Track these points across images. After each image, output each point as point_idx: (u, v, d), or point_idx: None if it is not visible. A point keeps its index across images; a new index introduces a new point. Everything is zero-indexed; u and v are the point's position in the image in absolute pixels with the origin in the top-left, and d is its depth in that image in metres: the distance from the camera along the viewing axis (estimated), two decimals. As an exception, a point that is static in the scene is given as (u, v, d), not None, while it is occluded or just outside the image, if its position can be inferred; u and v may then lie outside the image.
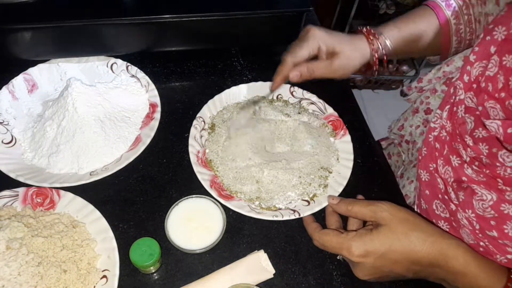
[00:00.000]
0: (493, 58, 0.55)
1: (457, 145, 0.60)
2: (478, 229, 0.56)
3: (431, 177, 0.65)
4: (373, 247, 0.50)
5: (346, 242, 0.52)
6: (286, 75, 0.64)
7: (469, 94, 0.58)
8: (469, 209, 0.56)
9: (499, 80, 0.54)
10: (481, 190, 0.54)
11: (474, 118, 0.57)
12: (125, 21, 0.71)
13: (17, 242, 0.52)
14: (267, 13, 0.75)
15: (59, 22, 0.69)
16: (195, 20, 0.73)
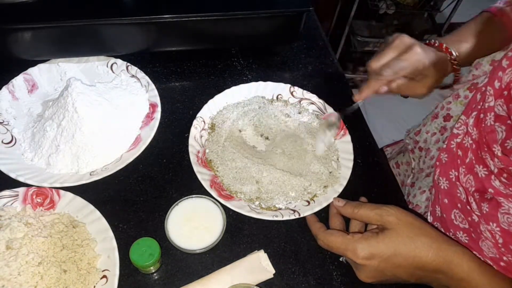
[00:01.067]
0: None
1: (484, 154, 0.57)
2: (501, 243, 0.54)
3: (450, 185, 0.63)
4: (379, 250, 0.50)
5: (352, 243, 0.51)
6: (378, 90, 0.62)
7: (499, 101, 0.55)
8: (493, 222, 0.55)
9: None
10: (509, 204, 0.52)
11: (505, 127, 0.54)
12: (125, 21, 0.71)
13: (17, 242, 0.52)
14: (267, 13, 0.75)
15: (59, 22, 0.69)
16: (195, 20, 0.73)
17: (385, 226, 0.52)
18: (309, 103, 0.76)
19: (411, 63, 0.60)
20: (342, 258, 0.59)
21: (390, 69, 0.59)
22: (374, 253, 0.50)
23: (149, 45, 0.78)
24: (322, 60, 0.85)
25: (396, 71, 0.60)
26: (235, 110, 0.73)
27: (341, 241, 0.52)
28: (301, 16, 0.78)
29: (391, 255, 0.50)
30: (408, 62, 0.60)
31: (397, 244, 0.50)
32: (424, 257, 0.49)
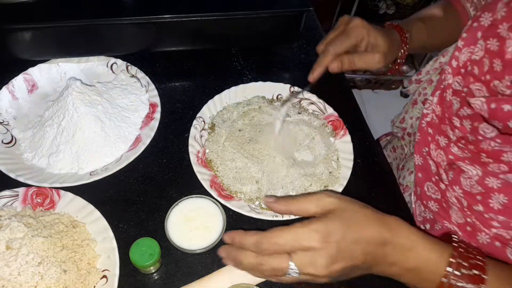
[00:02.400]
0: (479, 42, 0.57)
1: (444, 127, 0.62)
2: (466, 206, 0.58)
3: (424, 161, 0.67)
4: (334, 226, 0.45)
5: (304, 229, 0.45)
6: (326, 66, 0.64)
7: (457, 78, 0.60)
8: (457, 185, 0.59)
9: (485, 64, 0.56)
10: (467, 167, 0.56)
11: (460, 99, 0.60)
12: (125, 21, 0.71)
13: (17, 242, 0.52)
14: (267, 13, 0.75)
15: (59, 22, 0.69)
16: (195, 20, 0.73)
17: (328, 208, 0.48)
18: (309, 103, 0.76)
19: (353, 33, 0.64)
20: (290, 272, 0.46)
21: (333, 46, 0.63)
22: (331, 230, 0.45)
23: (149, 45, 0.78)
24: (322, 60, 0.85)
25: (340, 44, 0.63)
26: (235, 110, 0.73)
27: (292, 232, 0.45)
28: (301, 16, 0.78)
29: (345, 229, 0.46)
30: (349, 33, 0.64)
31: (347, 218, 0.47)
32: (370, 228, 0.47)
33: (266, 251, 0.45)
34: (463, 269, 0.45)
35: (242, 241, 0.47)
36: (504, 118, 0.51)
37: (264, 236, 0.46)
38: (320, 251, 0.44)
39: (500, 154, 0.52)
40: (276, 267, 0.45)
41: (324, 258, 0.45)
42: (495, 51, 0.55)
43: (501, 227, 0.55)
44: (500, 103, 0.51)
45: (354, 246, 0.46)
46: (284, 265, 0.45)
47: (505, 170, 0.52)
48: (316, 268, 0.45)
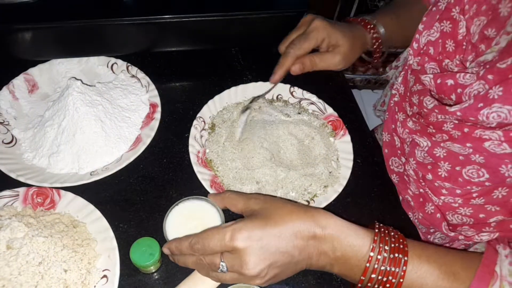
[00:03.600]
0: (435, 25, 0.61)
1: (404, 104, 0.66)
2: (421, 176, 0.63)
3: (391, 137, 0.70)
4: (254, 225, 0.46)
5: (228, 230, 0.46)
6: (288, 68, 0.65)
7: (416, 59, 0.64)
8: (412, 157, 0.63)
9: (439, 44, 0.60)
10: (419, 139, 0.60)
11: (415, 77, 0.64)
12: (125, 21, 0.71)
13: (18, 242, 0.52)
14: (267, 13, 0.75)
15: (59, 22, 0.69)
16: (195, 20, 0.73)
17: (251, 210, 0.50)
18: (309, 103, 0.76)
19: (313, 35, 0.65)
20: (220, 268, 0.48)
21: (293, 48, 0.64)
22: (253, 229, 0.46)
23: (149, 45, 0.78)
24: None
25: (300, 46, 0.64)
26: (235, 110, 0.73)
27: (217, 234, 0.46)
28: (300, 16, 0.78)
29: (267, 226, 0.46)
30: (309, 35, 0.64)
31: (270, 215, 0.47)
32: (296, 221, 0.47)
33: (199, 251, 0.48)
34: (385, 253, 0.46)
35: (179, 247, 0.50)
36: (448, 91, 0.56)
37: (195, 238, 0.48)
38: (246, 251, 0.45)
39: (442, 124, 0.56)
40: (210, 262, 0.48)
41: (250, 257, 0.45)
42: (448, 32, 0.59)
43: (448, 194, 0.59)
44: (445, 78, 0.56)
45: (280, 241, 0.46)
46: (216, 261, 0.47)
47: (446, 139, 0.56)
48: (244, 268, 0.45)
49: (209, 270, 0.49)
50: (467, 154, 0.54)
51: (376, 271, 0.46)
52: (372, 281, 0.47)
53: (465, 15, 0.58)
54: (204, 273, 0.50)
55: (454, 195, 0.59)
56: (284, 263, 0.47)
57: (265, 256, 0.46)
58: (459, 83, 0.54)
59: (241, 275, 0.47)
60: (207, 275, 0.50)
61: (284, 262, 0.47)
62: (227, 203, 0.54)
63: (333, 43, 0.65)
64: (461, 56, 0.58)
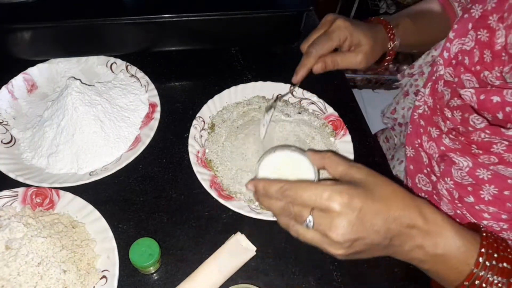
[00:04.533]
0: (470, 33, 0.58)
1: (436, 118, 0.63)
2: (457, 198, 0.58)
3: (416, 152, 0.67)
4: (356, 193, 0.43)
5: (327, 187, 0.43)
6: (310, 68, 0.64)
7: (448, 69, 0.61)
8: (448, 177, 0.59)
9: (475, 54, 0.57)
10: (458, 158, 0.56)
11: (451, 90, 0.60)
12: (125, 21, 0.71)
13: (17, 242, 0.52)
14: (267, 13, 0.75)
15: (59, 22, 0.69)
16: (195, 20, 0.73)
17: (353, 178, 0.46)
18: (309, 103, 0.76)
19: (335, 35, 0.64)
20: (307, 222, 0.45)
21: (316, 48, 0.63)
22: (355, 196, 0.43)
23: (149, 45, 0.78)
24: (322, 60, 0.85)
25: (322, 46, 0.63)
26: (235, 110, 0.73)
27: (313, 188, 0.43)
28: (301, 16, 0.78)
29: (370, 199, 0.43)
30: (331, 35, 0.64)
31: (373, 190, 0.44)
32: (399, 203, 0.44)
33: (290, 198, 0.44)
34: (493, 260, 0.43)
35: (267, 188, 0.46)
36: (493, 109, 0.52)
37: (288, 184, 0.45)
38: (340, 215, 0.42)
39: (490, 145, 0.52)
40: (297, 212, 0.44)
41: (342, 222, 0.42)
42: (485, 42, 0.56)
43: (492, 218, 0.55)
44: (489, 95, 0.52)
45: (377, 219, 0.43)
46: (304, 214, 0.44)
47: (495, 161, 0.52)
48: (332, 231, 0.42)
49: (291, 220, 0.46)
50: None
51: (481, 278, 0.43)
52: (474, 287, 0.44)
53: (503, 24, 0.54)
54: (285, 222, 0.47)
55: (499, 220, 0.55)
56: (373, 243, 0.44)
57: (358, 228, 0.42)
58: (507, 101, 0.50)
59: (324, 237, 0.43)
60: (287, 225, 0.47)
61: (373, 242, 0.44)
62: (327, 164, 0.49)
63: (355, 43, 0.64)
64: (500, 68, 0.55)
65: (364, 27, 0.66)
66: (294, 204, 0.44)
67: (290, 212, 0.45)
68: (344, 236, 0.42)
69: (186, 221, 0.62)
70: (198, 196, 0.64)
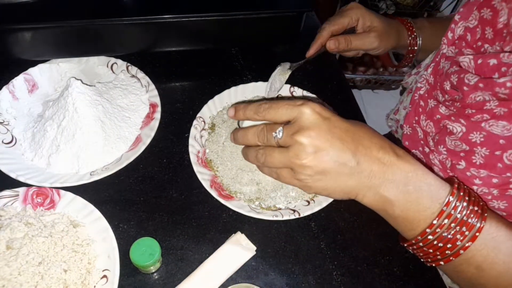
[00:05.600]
0: (474, 13, 0.60)
1: (435, 92, 0.64)
2: (449, 167, 0.58)
3: (413, 130, 0.68)
4: (329, 110, 0.45)
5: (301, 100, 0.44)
6: (323, 43, 0.66)
7: (451, 48, 0.63)
8: (441, 145, 0.58)
9: (477, 32, 0.59)
10: (453, 124, 0.56)
11: (451, 61, 0.61)
12: (125, 21, 0.71)
13: (18, 242, 0.52)
14: (267, 13, 0.75)
15: (59, 22, 0.69)
16: (195, 20, 0.73)
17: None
18: (309, 103, 0.76)
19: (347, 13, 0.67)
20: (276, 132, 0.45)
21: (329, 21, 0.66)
22: (327, 110, 0.44)
23: (149, 45, 0.78)
24: (322, 60, 0.85)
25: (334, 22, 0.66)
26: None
27: (287, 104, 0.44)
28: (301, 16, 0.79)
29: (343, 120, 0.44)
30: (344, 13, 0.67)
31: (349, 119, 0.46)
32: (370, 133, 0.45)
33: (265, 112, 0.45)
34: (464, 202, 0.43)
35: (247, 106, 0.48)
36: (489, 72, 0.53)
37: (264, 102, 0.47)
38: (309, 118, 0.42)
39: (483, 104, 0.53)
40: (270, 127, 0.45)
41: (311, 126, 0.42)
42: (488, 19, 0.57)
43: (483, 183, 0.55)
44: (486, 58, 0.53)
45: (346, 134, 0.42)
46: (276, 127, 0.45)
47: (488, 118, 0.52)
48: (299, 132, 0.42)
49: (262, 147, 0.46)
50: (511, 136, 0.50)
51: (450, 217, 0.42)
52: (442, 227, 0.42)
53: (508, 4, 0.55)
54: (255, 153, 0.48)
55: (489, 185, 0.54)
56: (339, 163, 0.42)
57: (326, 137, 0.41)
58: (503, 62, 0.50)
59: (291, 149, 0.43)
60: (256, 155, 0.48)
61: (339, 161, 0.42)
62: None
63: (368, 24, 0.68)
64: (501, 43, 0.56)
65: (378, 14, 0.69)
66: (268, 121, 0.46)
67: (263, 131, 0.46)
68: (313, 142, 0.41)
69: (186, 220, 0.62)
70: (199, 196, 0.64)
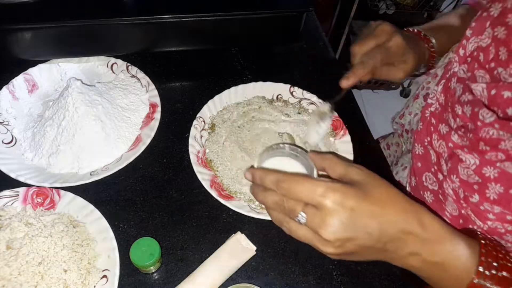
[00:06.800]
0: (487, 30, 0.57)
1: (447, 115, 0.62)
2: (462, 197, 0.57)
3: (424, 150, 0.66)
4: (351, 193, 0.42)
5: (322, 183, 0.42)
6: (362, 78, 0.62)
7: (463, 66, 0.60)
8: (454, 174, 0.58)
9: (491, 52, 0.56)
10: (466, 155, 0.55)
11: (463, 85, 0.59)
12: (125, 21, 0.71)
13: (18, 242, 0.52)
14: (267, 13, 0.76)
15: (59, 22, 0.69)
16: (195, 20, 0.73)
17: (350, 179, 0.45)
18: (309, 103, 0.76)
19: (392, 52, 0.63)
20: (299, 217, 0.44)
21: (373, 60, 0.62)
22: (349, 195, 0.42)
23: (149, 45, 0.78)
24: (322, 60, 0.85)
25: (380, 59, 0.62)
26: (235, 110, 0.73)
27: (308, 183, 0.42)
28: (301, 16, 0.79)
29: (364, 200, 0.42)
30: (390, 52, 0.63)
31: (370, 190, 0.43)
32: (397, 209, 0.43)
33: (283, 190, 0.44)
34: (493, 269, 0.43)
35: (263, 177, 0.46)
36: (503, 104, 0.51)
37: (285, 176, 0.44)
38: (332, 213, 0.41)
39: (498, 142, 0.52)
40: (290, 207, 0.43)
41: (333, 221, 0.41)
42: (502, 39, 0.55)
43: (496, 219, 0.54)
44: (500, 90, 0.51)
45: (371, 220, 0.42)
46: (297, 208, 0.43)
47: (503, 158, 0.51)
48: (323, 228, 0.42)
49: (284, 216, 0.45)
50: None
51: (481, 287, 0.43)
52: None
53: None
54: (278, 217, 0.46)
55: (503, 221, 0.54)
56: (365, 245, 0.43)
57: (349, 228, 0.41)
58: None
59: (316, 234, 0.43)
60: (280, 221, 0.46)
61: (365, 244, 0.43)
62: (326, 165, 0.48)
63: (402, 59, 0.65)
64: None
65: (413, 45, 0.65)
66: (288, 198, 0.44)
67: (283, 206, 0.44)
68: (335, 235, 0.42)
69: (186, 220, 0.62)
70: (199, 196, 0.64)
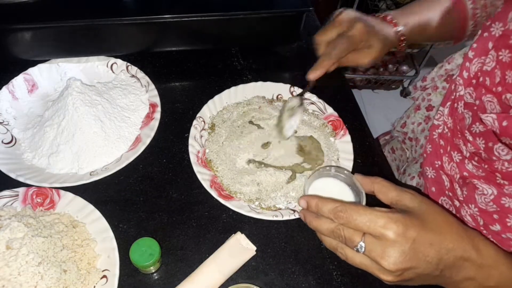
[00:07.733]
0: (491, 53, 0.56)
1: (457, 141, 0.61)
2: (482, 225, 0.56)
3: (436, 174, 0.65)
4: (411, 224, 0.42)
5: (383, 214, 0.42)
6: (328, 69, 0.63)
7: (468, 89, 0.59)
8: (472, 203, 0.56)
9: (496, 75, 0.55)
10: (482, 185, 0.55)
11: (472, 113, 0.58)
12: (125, 21, 0.71)
13: (17, 242, 0.52)
14: (267, 13, 0.75)
15: (59, 22, 0.69)
16: (195, 20, 0.73)
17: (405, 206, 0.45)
18: (309, 103, 0.76)
19: (356, 39, 0.63)
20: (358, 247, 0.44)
21: (337, 50, 0.62)
22: (410, 225, 0.42)
23: (149, 45, 0.78)
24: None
25: (344, 50, 0.62)
26: (235, 110, 0.73)
27: (368, 213, 0.43)
28: (301, 16, 0.79)
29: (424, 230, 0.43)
30: (353, 39, 0.63)
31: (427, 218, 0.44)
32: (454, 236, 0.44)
33: (342, 220, 0.44)
34: None
35: (320, 206, 0.46)
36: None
37: (343, 205, 0.44)
38: (394, 244, 0.42)
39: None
40: (349, 236, 0.43)
41: (395, 252, 0.42)
42: (507, 62, 0.54)
43: None
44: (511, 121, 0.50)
45: (430, 249, 0.43)
46: (356, 238, 0.43)
47: None
48: (384, 259, 0.42)
49: (341, 243, 0.45)
50: None
51: None
52: None
53: None
54: (332, 244, 0.46)
55: None
56: (424, 273, 0.44)
57: (410, 258, 0.42)
58: None
59: (375, 263, 0.43)
60: (335, 247, 0.46)
61: (424, 272, 0.44)
62: (377, 189, 0.48)
63: (368, 45, 0.64)
64: None
65: (378, 29, 0.65)
66: (345, 227, 0.44)
67: (340, 234, 0.44)
68: (396, 265, 0.42)
69: (186, 221, 0.62)
70: (198, 196, 0.64)
